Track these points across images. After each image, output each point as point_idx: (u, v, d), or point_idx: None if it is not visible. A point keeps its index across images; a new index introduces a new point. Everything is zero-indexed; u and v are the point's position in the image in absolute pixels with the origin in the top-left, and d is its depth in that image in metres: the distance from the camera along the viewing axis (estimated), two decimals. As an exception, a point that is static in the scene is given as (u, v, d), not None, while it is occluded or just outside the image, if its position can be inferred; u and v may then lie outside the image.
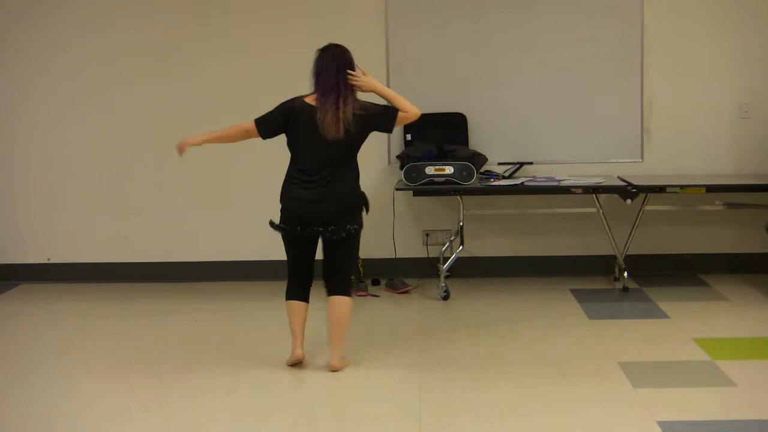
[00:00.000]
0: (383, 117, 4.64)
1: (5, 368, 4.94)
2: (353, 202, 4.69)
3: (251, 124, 4.70)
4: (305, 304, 4.77)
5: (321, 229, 4.59)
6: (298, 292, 4.76)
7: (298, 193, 4.61)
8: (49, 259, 6.92)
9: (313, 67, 4.62)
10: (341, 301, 4.69)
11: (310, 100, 4.60)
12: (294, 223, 4.63)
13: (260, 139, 4.74)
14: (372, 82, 4.64)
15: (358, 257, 5.57)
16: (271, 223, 4.74)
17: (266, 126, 4.68)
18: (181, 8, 6.68)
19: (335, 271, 4.72)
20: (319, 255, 4.77)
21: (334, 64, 4.57)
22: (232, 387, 4.53)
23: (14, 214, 6.92)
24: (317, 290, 4.84)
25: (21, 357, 5.15)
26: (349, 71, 4.59)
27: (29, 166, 6.88)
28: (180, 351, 5.14)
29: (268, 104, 4.72)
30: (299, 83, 4.76)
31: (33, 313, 6.19)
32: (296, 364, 4.75)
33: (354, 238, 4.72)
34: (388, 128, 4.71)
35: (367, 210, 4.81)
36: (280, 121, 4.65)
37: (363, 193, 4.76)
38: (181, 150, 4.82)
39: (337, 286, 4.71)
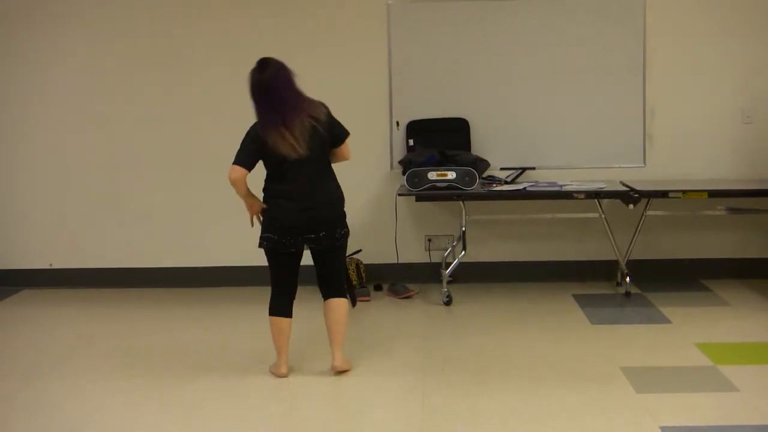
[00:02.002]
0: (333, 131, 4.61)
1: (9, 374, 4.94)
2: (339, 206, 4.69)
3: (237, 169, 4.55)
4: (290, 320, 4.73)
5: (312, 236, 4.59)
6: (283, 308, 4.71)
7: (283, 204, 4.59)
8: (51, 265, 6.93)
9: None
10: (339, 303, 4.71)
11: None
12: (284, 233, 4.59)
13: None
14: None
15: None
16: (260, 245, 4.69)
17: (248, 161, 4.58)
18: (183, 15, 6.69)
19: (330, 276, 4.73)
20: (310, 262, 4.75)
21: (265, 86, 4.61)
22: (235, 392, 4.53)
23: (17, 220, 6.93)
24: (315, 295, 4.84)
25: (24, 363, 5.15)
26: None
27: (32, 171, 6.89)
28: (184, 356, 5.15)
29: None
30: (300, 88, 4.76)
31: (35, 318, 6.19)
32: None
33: (344, 243, 4.73)
34: (336, 142, 4.64)
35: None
36: (256, 151, 4.58)
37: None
38: (251, 216, 4.74)
39: (333, 289, 4.73)
